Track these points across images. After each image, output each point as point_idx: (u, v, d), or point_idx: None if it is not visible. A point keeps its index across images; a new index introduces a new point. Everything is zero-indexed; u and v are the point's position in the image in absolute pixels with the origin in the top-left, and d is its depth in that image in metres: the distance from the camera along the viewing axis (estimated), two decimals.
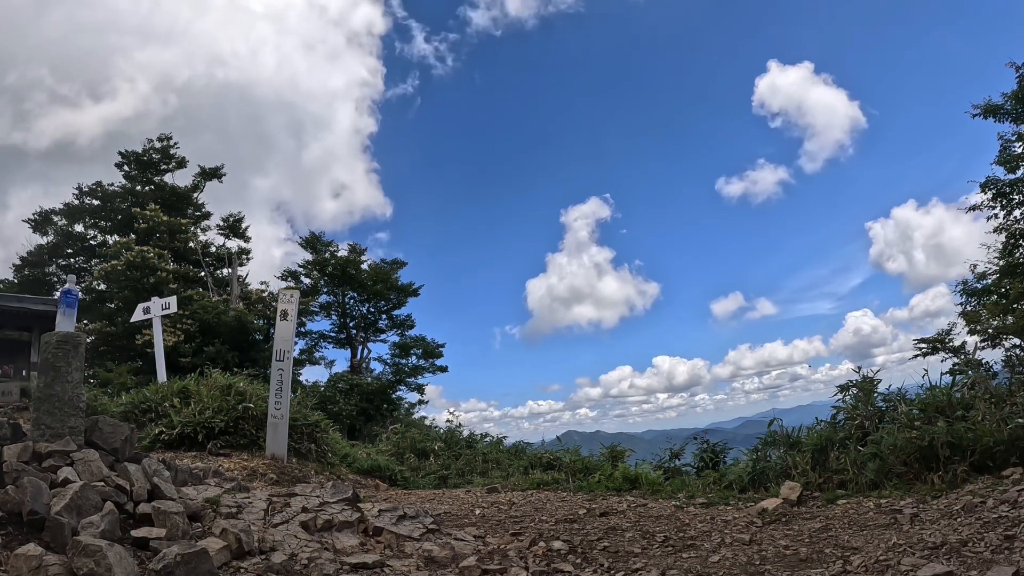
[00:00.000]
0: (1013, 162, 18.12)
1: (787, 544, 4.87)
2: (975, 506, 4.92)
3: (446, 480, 11.68)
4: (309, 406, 12.09)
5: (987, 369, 15.21)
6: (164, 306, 15.25)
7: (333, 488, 6.21)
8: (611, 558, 4.95)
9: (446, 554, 4.93)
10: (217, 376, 11.28)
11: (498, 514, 6.91)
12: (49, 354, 4.87)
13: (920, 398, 7.58)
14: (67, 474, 4.13)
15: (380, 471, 11.18)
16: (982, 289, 19.76)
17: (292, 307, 9.70)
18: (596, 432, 30.20)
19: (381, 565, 4.45)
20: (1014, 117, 17.94)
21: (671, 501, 7.14)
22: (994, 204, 18.53)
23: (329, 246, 32.48)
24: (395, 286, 32.16)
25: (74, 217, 32.22)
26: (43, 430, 4.67)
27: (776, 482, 7.15)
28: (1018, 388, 7.18)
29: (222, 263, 32.54)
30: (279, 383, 9.09)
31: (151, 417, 9.92)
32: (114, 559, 3.27)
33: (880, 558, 4.12)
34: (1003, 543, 3.97)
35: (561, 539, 5.52)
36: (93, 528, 3.63)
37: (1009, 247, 18.66)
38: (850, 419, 7.67)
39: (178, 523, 4.13)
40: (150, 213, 28.56)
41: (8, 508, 3.67)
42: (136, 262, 26.16)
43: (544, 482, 9.35)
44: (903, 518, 5.06)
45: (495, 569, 4.55)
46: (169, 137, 31.88)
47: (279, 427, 9.07)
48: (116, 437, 4.96)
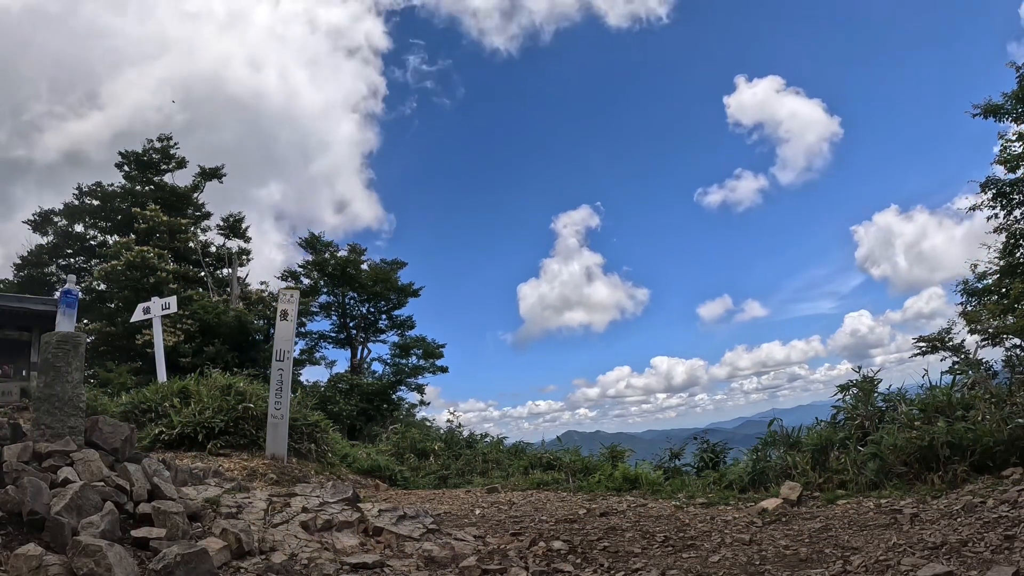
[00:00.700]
0: (1013, 162, 18.12)
1: (787, 544, 4.86)
2: (975, 506, 4.92)
3: (446, 480, 11.68)
4: (309, 406, 12.10)
5: (987, 369, 15.21)
6: (164, 306, 15.26)
7: (333, 488, 6.21)
8: (611, 558, 4.95)
9: (446, 554, 4.93)
10: (217, 376, 11.27)
11: (498, 514, 6.91)
12: (49, 354, 4.87)
13: (920, 398, 7.58)
14: (67, 474, 4.13)
15: (380, 471, 11.18)
16: (982, 289, 19.76)
17: (292, 307, 9.70)
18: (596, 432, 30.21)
19: (381, 565, 4.45)
20: (1014, 117, 17.94)
21: (671, 501, 7.13)
22: (994, 204, 18.53)
23: (329, 246, 32.50)
24: (395, 286, 32.15)
25: (74, 217, 32.22)
26: (43, 430, 4.68)
27: (776, 482, 7.15)
28: (1018, 388, 7.18)
29: (222, 263, 32.53)
30: (279, 383, 9.09)
31: (151, 417, 9.92)
32: (114, 559, 3.27)
33: (880, 558, 4.11)
34: (1003, 543, 3.97)
35: (561, 539, 5.51)
36: (93, 528, 3.63)
37: (1009, 247, 18.66)
38: (850, 419, 7.67)
39: (178, 523, 4.13)
40: (150, 213, 28.54)
41: (8, 508, 3.67)
42: (136, 262, 26.15)
43: (544, 482, 9.36)
44: (903, 518, 5.06)
45: (495, 569, 4.55)
46: (169, 137, 31.89)
47: (279, 427, 9.07)
48: (116, 437, 4.96)
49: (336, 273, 31.24)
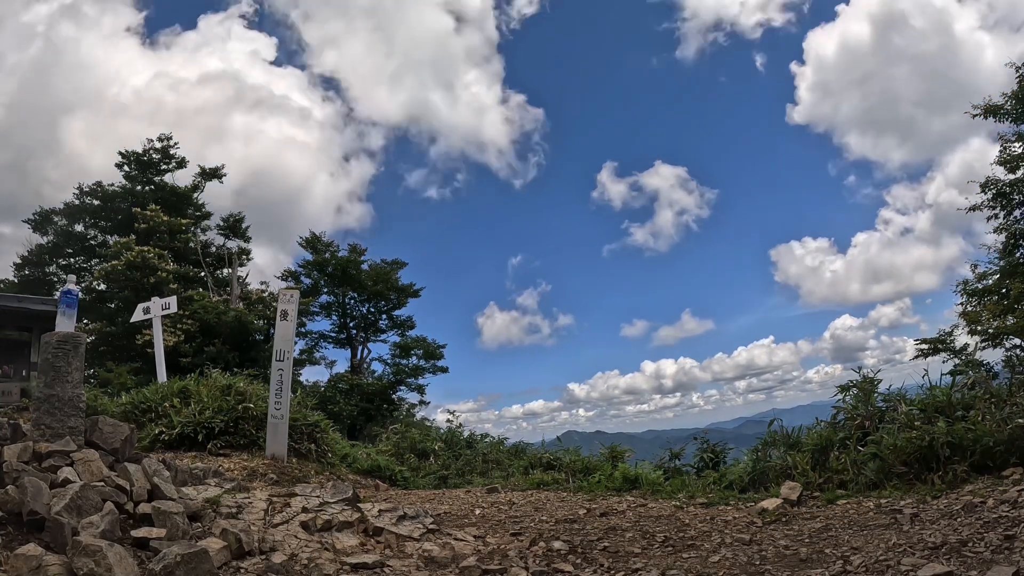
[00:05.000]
0: (1013, 162, 18.15)
1: (787, 544, 4.86)
2: (975, 506, 4.92)
3: (446, 480, 11.68)
4: (309, 406, 12.07)
5: (988, 369, 15.22)
6: (164, 306, 15.22)
7: (333, 488, 6.21)
8: (611, 558, 4.95)
9: (446, 554, 4.94)
10: (217, 376, 11.26)
11: (498, 514, 6.91)
12: (49, 354, 4.88)
13: (920, 398, 7.57)
14: (67, 474, 4.13)
15: (380, 471, 11.17)
16: (983, 289, 19.78)
17: (292, 307, 9.70)
18: (596, 432, 30.23)
19: (381, 565, 4.45)
20: (1014, 117, 17.97)
21: (671, 501, 7.13)
22: (994, 204, 18.55)
23: (329, 246, 32.51)
24: (395, 286, 32.18)
25: (74, 217, 32.23)
26: (43, 430, 4.68)
27: (776, 482, 7.14)
28: (1018, 388, 7.17)
29: (222, 263, 32.55)
30: (279, 383, 9.08)
31: (151, 417, 9.91)
32: (114, 559, 3.27)
33: (880, 558, 4.11)
34: (1003, 543, 3.97)
35: (561, 539, 5.51)
36: (93, 528, 3.63)
37: (1009, 247, 18.69)
38: (850, 419, 7.66)
39: (178, 523, 4.14)
40: (150, 213, 28.54)
41: (8, 508, 3.67)
42: (136, 262, 26.16)
43: (544, 482, 9.35)
44: (903, 518, 5.06)
45: (495, 569, 4.55)
46: (169, 137, 31.90)
47: (279, 427, 9.07)
48: (116, 437, 4.96)
49: (336, 273, 31.26)
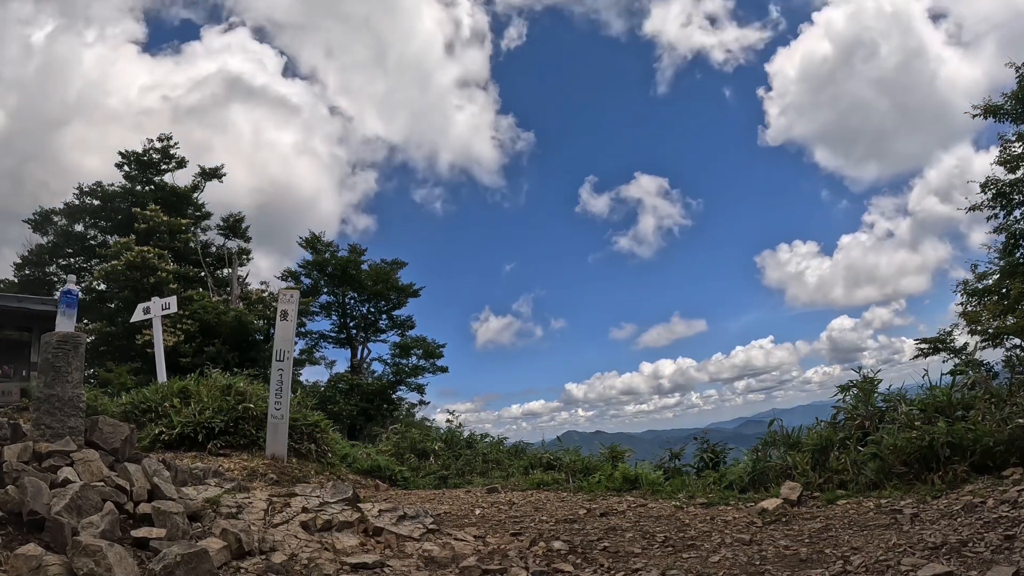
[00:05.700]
0: (1013, 162, 18.15)
1: (787, 544, 4.86)
2: (975, 506, 4.92)
3: (446, 480, 11.67)
4: (309, 406, 12.07)
5: (988, 369, 15.22)
6: (164, 306, 15.22)
7: (333, 488, 6.21)
8: (611, 558, 4.95)
9: (446, 554, 4.93)
10: (217, 376, 11.25)
11: (498, 514, 6.91)
12: (49, 354, 4.88)
13: (920, 398, 7.57)
14: (67, 474, 4.13)
15: (380, 471, 11.17)
16: (983, 289, 19.79)
17: (292, 307, 9.70)
18: (596, 432, 30.20)
19: (381, 565, 4.45)
20: (1014, 117, 17.97)
21: (671, 501, 7.13)
22: (994, 204, 18.56)
23: (329, 247, 32.52)
24: (395, 286, 32.18)
25: (74, 217, 32.24)
26: (43, 430, 4.68)
27: (776, 482, 7.14)
28: (1018, 388, 7.17)
29: (222, 263, 32.55)
30: (279, 383, 9.08)
31: (151, 417, 9.91)
32: (114, 559, 3.27)
33: (880, 558, 4.11)
34: (1003, 543, 3.97)
35: (561, 539, 5.51)
36: (93, 528, 3.63)
37: (1009, 247, 18.69)
38: (850, 419, 7.66)
39: (178, 523, 4.14)
40: (150, 213, 28.55)
41: (8, 508, 3.67)
42: (136, 262, 26.16)
43: (544, 482, 9.35)
44: (903, 518, 5.05)
45: (495, 569, 4.55)
46: (169, 137, 31.92)
47: (279, 427, 9.07)
48: (116, 437, 4.96)
49: (336, 273, 31.26)
